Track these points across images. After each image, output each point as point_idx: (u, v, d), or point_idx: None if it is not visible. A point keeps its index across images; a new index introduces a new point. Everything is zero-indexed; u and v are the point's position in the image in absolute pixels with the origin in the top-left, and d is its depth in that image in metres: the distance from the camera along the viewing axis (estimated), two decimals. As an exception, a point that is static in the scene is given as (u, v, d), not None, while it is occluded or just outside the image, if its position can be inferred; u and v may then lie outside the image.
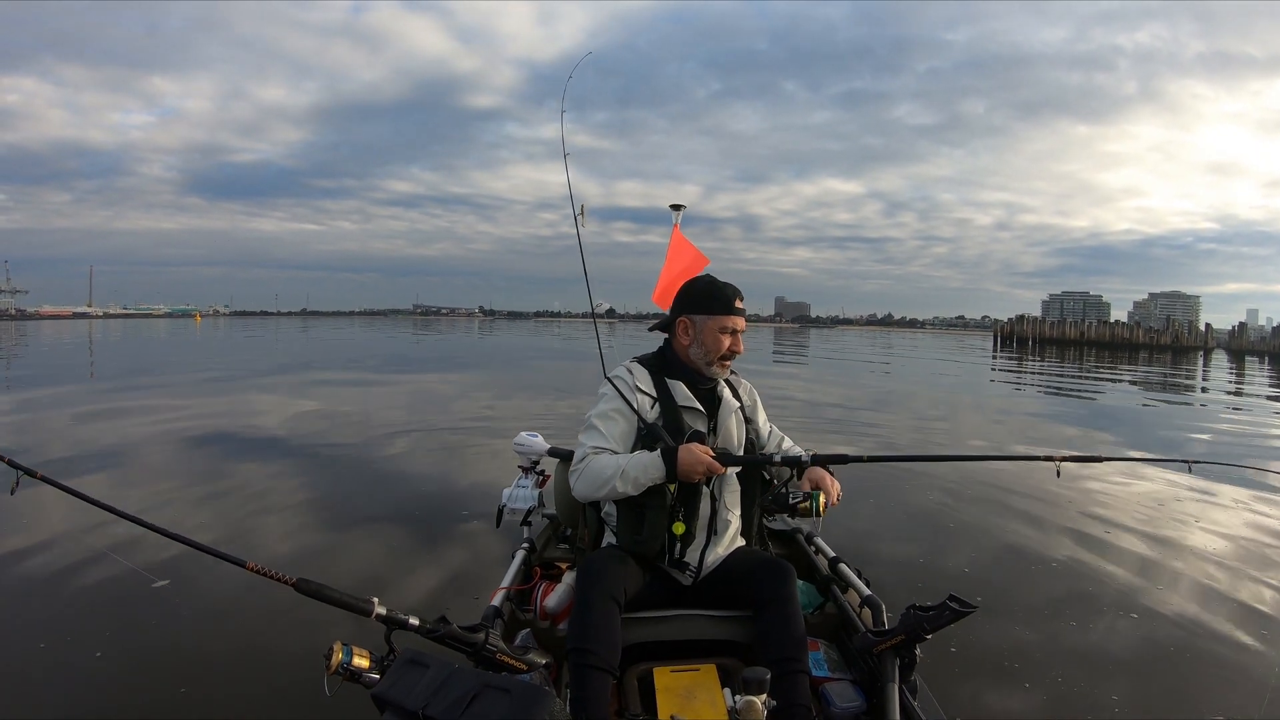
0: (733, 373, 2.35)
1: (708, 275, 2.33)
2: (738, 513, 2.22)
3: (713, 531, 2.15)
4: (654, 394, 2.19)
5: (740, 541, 2.23)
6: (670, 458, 2.00)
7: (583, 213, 3.26)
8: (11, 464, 1.79)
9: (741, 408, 2.29)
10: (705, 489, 2.12)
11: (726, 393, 2.28)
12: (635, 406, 2.14)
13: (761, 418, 2.41)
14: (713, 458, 2.02)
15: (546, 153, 3.22)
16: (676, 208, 3.37)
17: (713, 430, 2.19)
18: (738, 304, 2.23)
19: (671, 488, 2.06)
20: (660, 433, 2.10)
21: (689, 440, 2.07)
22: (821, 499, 2.00)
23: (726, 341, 2.21)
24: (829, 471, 2.14)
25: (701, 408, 2.20)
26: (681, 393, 2.19)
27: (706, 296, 2.24)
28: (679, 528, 2.08)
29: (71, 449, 7.00)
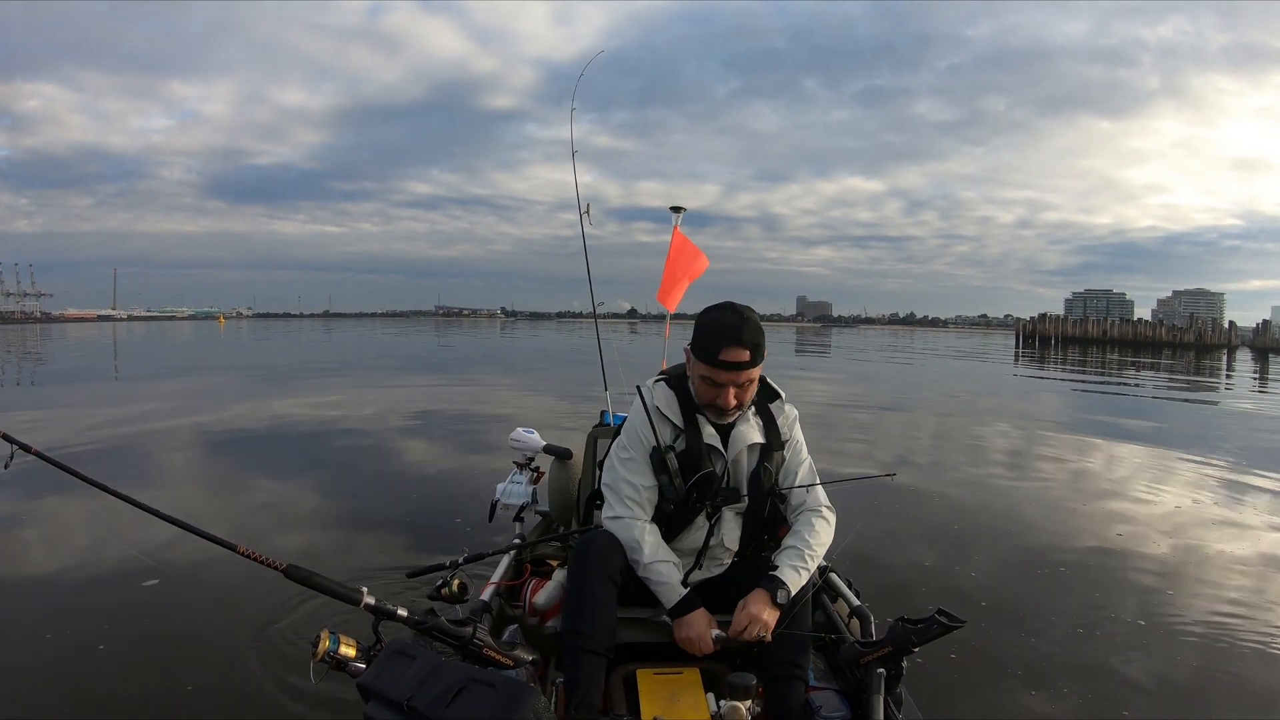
0: (780, 398, 2.16)
1: (717, 309, 2.00)
2: (734, 549, 2.11)
3: (704, 559, 2.09)
4: (680, 425, 2.05)
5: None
6: (676, 613, 1.94)
7: (588, 210, 3.31)
8: (6, 438, 1.78)
9: (761, 444, 2.08)
10: (704, 521, 2.05)
11: (742, 427, 2.06)
12: (656, 437, 2.04)
13: (794, 449, 2.15)
14: (701, 638, 1.90)
15: (566, 153, 3.32)
16: (676, 209, 3.44)
17: (724, 469, 2.05)
18: (726, 355, 1.92)
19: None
20: (669, 464, 2.01)
21: (701, 478, 2.01)
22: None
23: (710, 394, 1.99)
24: (770, 597, 1.88)
25: (722, 446, 2.05)
26: (709, 431, 2.04)
27: (698, 335, 1.99)
28: None
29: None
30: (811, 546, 2.00)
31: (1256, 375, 26.26)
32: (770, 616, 1.86)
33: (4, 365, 20.20)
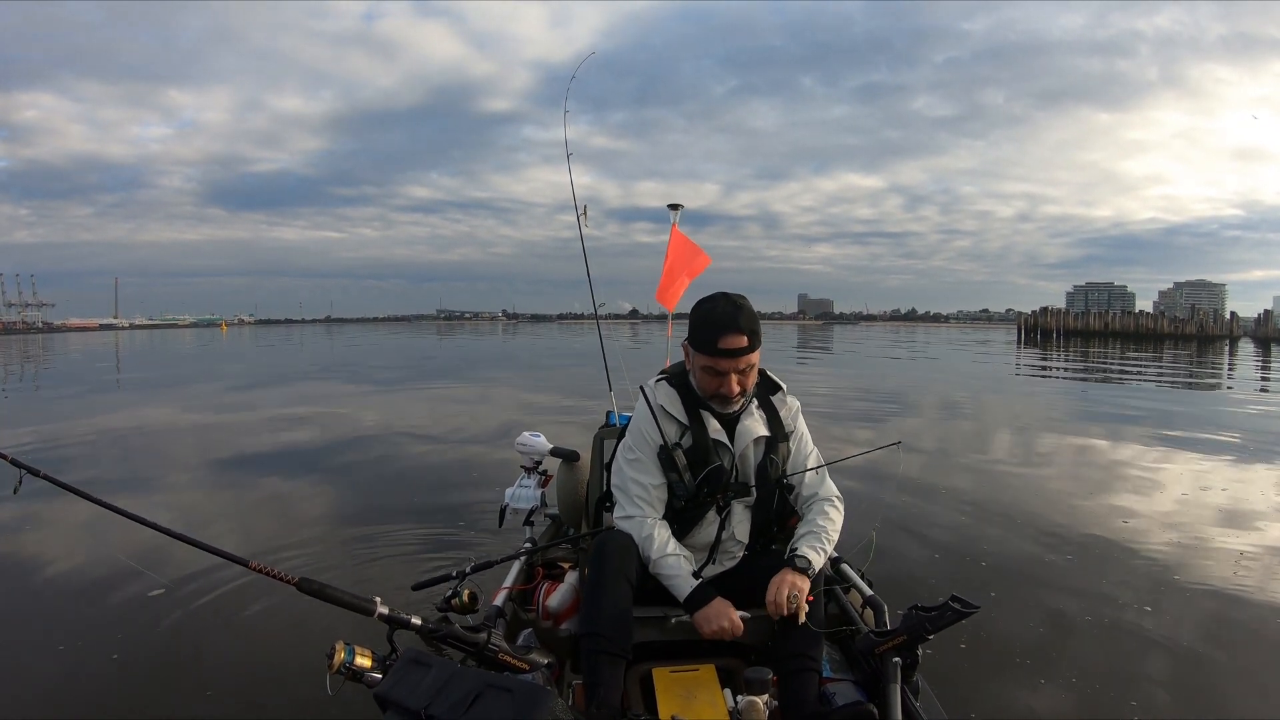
0: (782, 390, 2.19)
1: (710, 300, 2.03)
2: (745, 542, 2.13)
3: (716, 553, 2.10)
4: (685, 421, 2.06)
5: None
6: (692, 606, 1.93)
7: (584, 212, 3.33)
8: (15, 463, 1.78)
9: (767, 436, 2.11)
10: (715, 516, 2.07)
11: (747, 421, 2.09)
12: (662, 435, 2.06)
13: (799, 441, 2.18)
14: (733, 622, 1.89)
15: (564, 155, 3.39)
16: (674, 207, 3.46)
17: (731, 463, 2.07)
18: (724, 343, 1.93)
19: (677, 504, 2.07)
20: (677, 461, 2.03)
21: (710, 473, 2.04)
22: None
23: (713, 384, 2.00)
24: (797, 571, 1.90)
25: (728, 440, 2.07)
26: (714, 426, 2.05)
27: (695, 327, 2.01)
28: None
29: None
30: (828, 532, 2.05)
31: (1260, 365, 26.13)
32: (804, 584, 1.87)
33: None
